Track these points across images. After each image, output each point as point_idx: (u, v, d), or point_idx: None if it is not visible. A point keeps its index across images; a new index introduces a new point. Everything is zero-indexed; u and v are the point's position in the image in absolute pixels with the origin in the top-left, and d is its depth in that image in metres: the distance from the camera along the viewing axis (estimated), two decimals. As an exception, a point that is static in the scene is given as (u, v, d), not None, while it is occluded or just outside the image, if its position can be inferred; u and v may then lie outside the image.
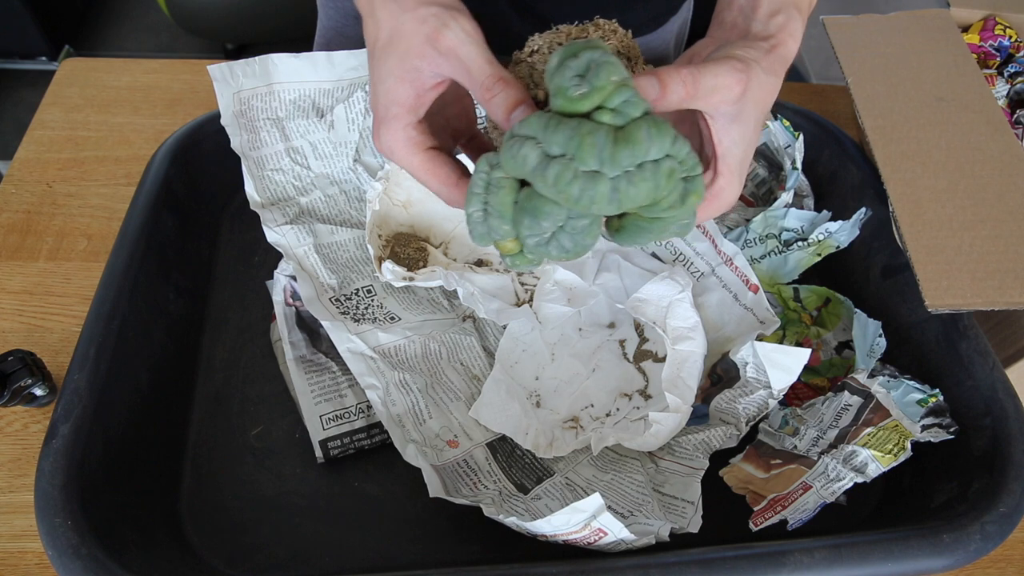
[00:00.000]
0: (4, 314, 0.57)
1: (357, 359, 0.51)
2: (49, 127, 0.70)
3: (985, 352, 0.50)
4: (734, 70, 0.35)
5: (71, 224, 0.63)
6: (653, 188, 0.32)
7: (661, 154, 0.31)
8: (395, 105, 0.37)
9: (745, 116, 0.37)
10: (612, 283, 0.58)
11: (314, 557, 0.46)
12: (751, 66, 0.36)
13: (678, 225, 0.36)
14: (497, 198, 0.34)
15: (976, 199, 0.53)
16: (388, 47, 0.37)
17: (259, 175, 0.59)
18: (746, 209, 0.63)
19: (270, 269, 0.57)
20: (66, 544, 0.38)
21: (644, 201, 0.32)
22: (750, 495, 0.49)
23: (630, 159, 0.31)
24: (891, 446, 0.46)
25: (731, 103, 0.36)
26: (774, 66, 0.38)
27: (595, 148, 0.31)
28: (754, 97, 0.37)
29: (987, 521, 0.42)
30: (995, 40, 0.68)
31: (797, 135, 0.60)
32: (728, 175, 0.39)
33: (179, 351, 0.54)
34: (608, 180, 0.31)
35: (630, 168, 0.31)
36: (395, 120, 0.38)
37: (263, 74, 0.58)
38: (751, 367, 0.50)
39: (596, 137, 0.31)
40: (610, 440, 0.49)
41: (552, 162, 0.31)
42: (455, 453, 0.49)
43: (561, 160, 0.31)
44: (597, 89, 0.31)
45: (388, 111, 0.38)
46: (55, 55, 1.87)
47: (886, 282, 0.57)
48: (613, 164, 0.31)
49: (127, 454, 0.46)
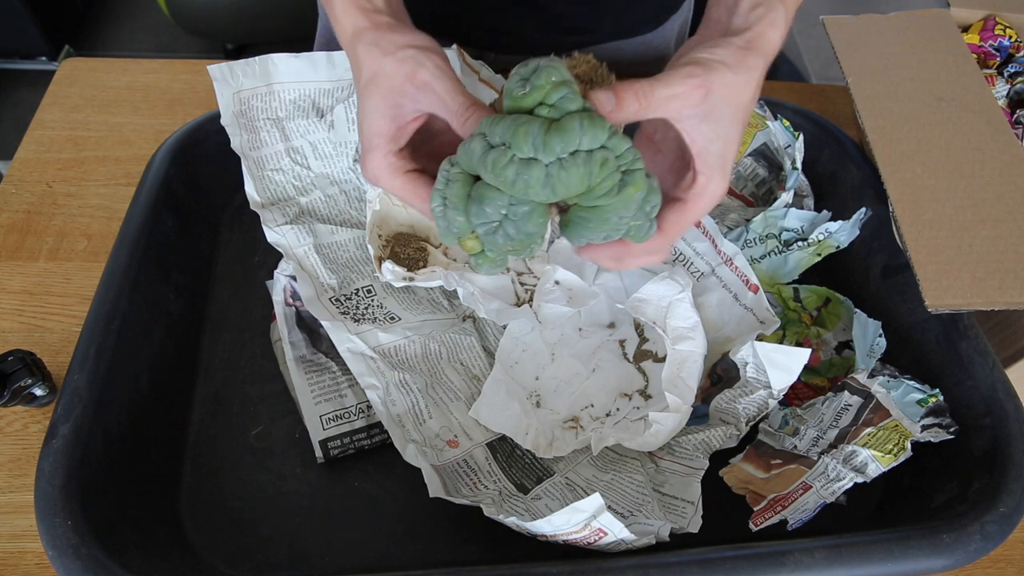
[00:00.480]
0: (4, 314, 0.57)
1: (357, 359, 0.51)
2: (49, 127, 0.70)
3: (985, 352, 0.50)
4: (689, 77, 0.37)
5: (71, 224, 0.63)
6: (586, 175, 0.34)
7: (595, 144, 0.34)
8: (376, 136, 0.41)
9: (716, 114, 0.38)
10: (612, 283, 0.58)
11: (314, 557, 0.46)
12: (712, 68, 0.37)
13: (629, 225, 0.38)
14: (452, 191, 0.37)
15: (976, 199, 0.53)
16: (371, 85, 0.41)
17: (259, 175, 0.59)
18: (746, 209, 0.63)
19: (270, 269, 0.57)
20: (66, 544, 0.38)
21: (578, 187, 0.35)
22: (750, 495, 0.49)
23: (562, 147, 0.34)
24: (891, 446, 0.46)
25: (694, 107, 0.38)
26: (746, 61, 0.38)
27: (529, 136, 0.34)
28: (722, 96, 0.38)
29: (987, 521, 0.42)
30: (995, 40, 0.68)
31: (797, 135, 0.60)
32: (708, 171, 0.39)
33: (179, 351, 0.54)
34: (542, 166, 0.34)
35: (563, 155, 0.34)
36: (377, 149, 0.41)
37: (263, 74, 0.58)
38: (751, 367, 0.50)
39: (531, 127, 0.34)
40: (610, 440, 0.49)
41: (492, 150, 0.35)
42: (455, 453, 0.49)
43: (500, 148, 0.35)
44: (536, 88, 0.35)
45: (371, 142, 0.41)
46: (55, 55, 1.87)
47: (886, 282, 0.57)
48: (546, 151, 0.34)
49: (127, 454, 0.46)
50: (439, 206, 0.38)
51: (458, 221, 0.38)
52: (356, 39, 0.42)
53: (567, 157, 0.34)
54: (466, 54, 0.62)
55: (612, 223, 0.37)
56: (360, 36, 0.42)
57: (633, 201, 0.36)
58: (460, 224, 0.38)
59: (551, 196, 0.35)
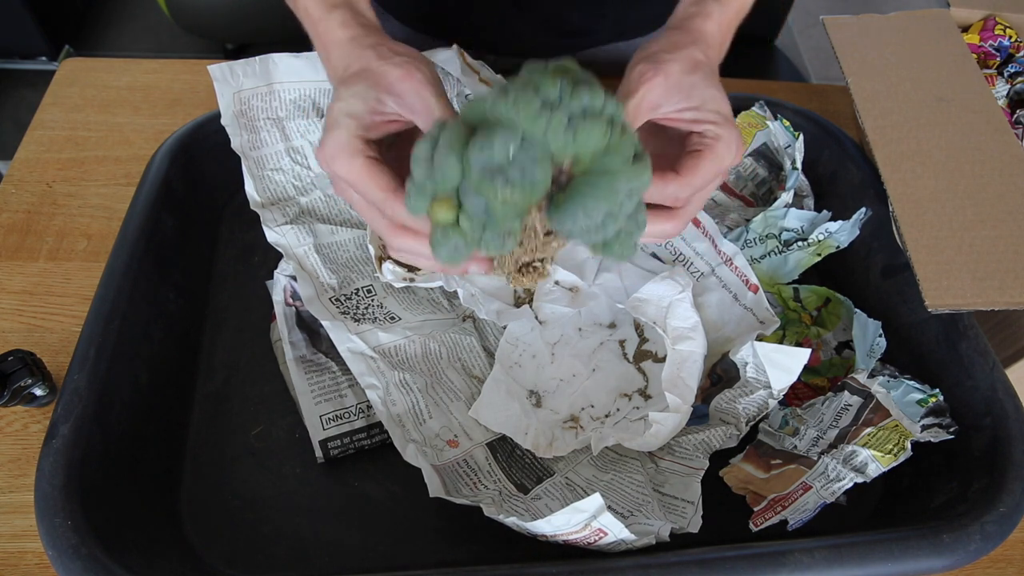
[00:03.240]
0: (4, 314, 0.57)
1: (357, 359, 0.51)
2: (49, 127, 0.70)
3: (985, 352, 0.50)
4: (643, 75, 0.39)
5: (71, 224, 0.63)
6: (607, 131, 0.33)
7: (617, 113, 0.33)
8: (347, 116, 0.38)
9: (685, 85, 0.40)
10: (612, 283, 0.58)
11: (314, 557, 0.46)
12: (658, 59, 0.40)
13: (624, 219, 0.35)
14: (449, 133, 0.33)
15: (976, 199, 0.53)
16: (359, 76, 0.40)
17: (259, 175, 0.59)
18: (746, 209, 0.63)
19: (270, 269, 0.57)
20: (66, 544, 0.38)
21: (598, 142, 0.33)
22: (750, 495, 0.49)
23: (589, 100, 0.32)
24: (891, 446, 0.46)
25: (662, 95, 0.39)
26: (678, 40, 0.42)
27: (556, 83, 0.32)
28: (679, 71, 0.40)
29: (987, 521, 0.42)
30: (995, 40, 0.68)
31: (797, 135, 0.60)
32: (712, 120, 0.40)
33: (179, 351, 0.54)
34: (566, 113, 0.32)
35: (588, 107, 0.32)
36: (343, 128, 0.38)
37: (263, 74, 0.58)
38: (751, 367, 0.50)
39: (557, 78, 0.32)
40: (610, 440, 0.49)
41: (511, 93, 0.32)
42: (455, 453, 0.49)
43: (523, 88, 0.32)
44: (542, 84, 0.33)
45: (338, 120, 0.38)
46: (55, 55, 1.87)
47: (886, 282, 0.57)
48: (573, 99, 0.32)
49: (127, 454, 0.46)
50: (425, 150, 0.34)
51: (447, 166, 0.33)
52: (352, 43, 0.41)
53: (592, 110, 0.33)
54: (466, 54, 0.62)
55: (618, 198, 0.34)
56: (357, 41, 0.41)
57: (644, 178, 0.34)
58: (447, 171, 0.33)
59: (569, 145, 0.33)
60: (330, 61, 0.43)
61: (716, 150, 0.40)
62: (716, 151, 0.40)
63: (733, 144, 0.40)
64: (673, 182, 0.40)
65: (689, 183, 0.40)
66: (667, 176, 0.40)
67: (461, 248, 0.35)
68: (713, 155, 0.40)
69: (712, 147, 0.40)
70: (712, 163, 0.40)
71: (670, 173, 0.40)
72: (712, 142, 0.40)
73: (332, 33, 0.43)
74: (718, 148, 0.40)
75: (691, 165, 0.40)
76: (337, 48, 0.42)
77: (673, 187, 0.40)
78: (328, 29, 0.43)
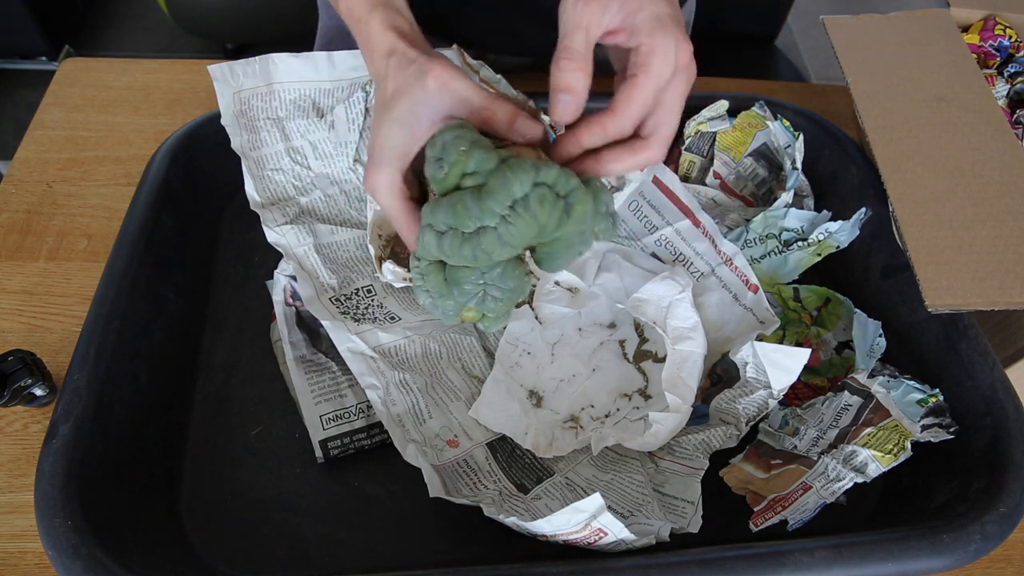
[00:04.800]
0: (4, 314, 0.57)
1: (357, 359, 0.51)
2: (49, 127, 0.70)
3: (985, 352, 0.50)
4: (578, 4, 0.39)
5: (71, 224, 0.63)
6: (532, 220, 0.36)
7: (526, 189, 0.36)
8: (391, 151, 0.41)
9: None
10: (612, 283, 0.58)
11: (314, 557, 0.46)
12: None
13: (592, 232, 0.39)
14: (431, 283, 0.40)
15: (976, 199, 0.53)
16: (396, 95, 0.41)
17: (259, 175, 0.59)
18: (746, 209, 0.63)
19: (270, 269, 0.57)
20: (66, 544, 0.38)
21: (531, 234, 0.37)
22: (750, 495, 0.49)
23: (499, 205, 0.35)
24: (891, 446, 0.46)
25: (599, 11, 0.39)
26: None
27: (467, 211, 0.36)
28: None
29: (987, 521, 0.42)
30: (995, 40, 0.68)
31: (797, 135, 0.60)
32: (648, 24, 0.38)
33: (179, 351, 0.54)
34: (491, 230, 0.36)
35: (504, 212, 0.36)
36: (387, 165, 0.41)
37: (263, 74, 0.58)
38: (751, 367, 0.50)
39: (464, 202, 0.36)
40: (610, 440, 0.49)
41: (443, 237, 0.37)
42: (455, 453, 0.49)
43: (449, 233, 0.37)
44: (453, 164, 0.37)
45: (382, 155, 0.41)
46: (55, 55, 1.87)
47: (886, 282, 0.57)
48: (486, 216, 0.36)
49: (127, 454, 0.46)
50: (427, 300, 0.41)
51: (449, 305, 0.40)
52: (390, 55, 0.43)
53: (508, 212, 0.35)
54: (466, 54, 0.62)
55: (576, 243, 0.38)
56: (394, 53, 0.42)
57: (586, 216, 0.37)
58: (452, 307, 0.41)
59: (513, 252, 0.37)
60: (372, 65, 0.45)
61: (649, 67, 0.38)
62: (649, 68, 0.38)
63: (670, 52, 0.38)
64: (609, 120, 0.39)
65: (627, 115, 0.39)
66: (601, 118, 0.40)
67: (501, 320, 0.43)
68: (648, 75, 0.39)
69: (646, 67, 0.38)
70: (648, 83, 0.39)
71: (605, 114, 0.39)
72: (645, 58, 0.38)
73: (372, 39, 0.44)
74: (652, 64, 0.38)
75: (624, 96, 0.39)
76: (378, 58, 0.43)
77: (612, 126, 0.39)
78: (369, 33, 0.44)
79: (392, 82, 0.42)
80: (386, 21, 0.43)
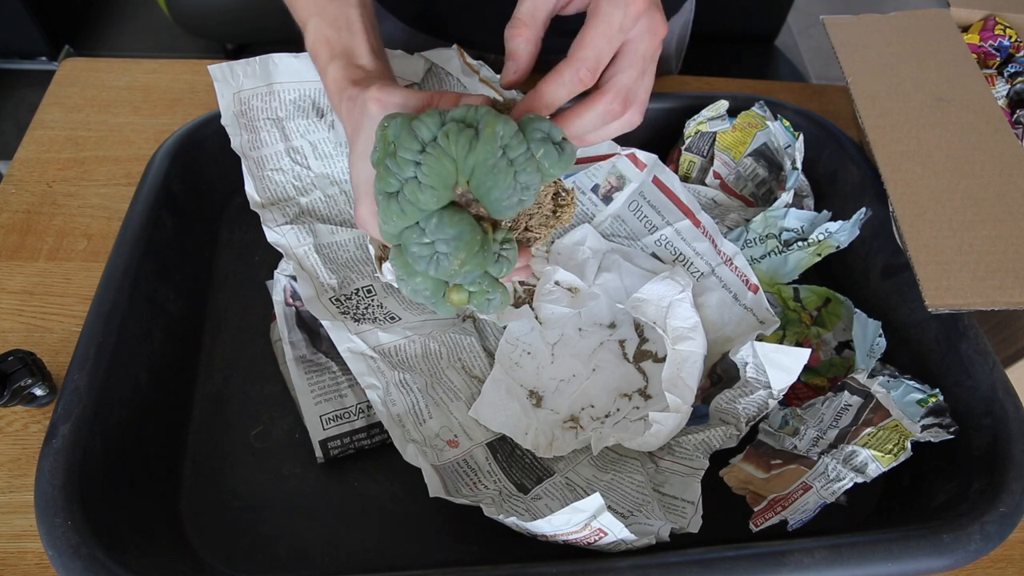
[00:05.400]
0: (4, 314, 0.57)
1: (357, 359, 0.51)
2: (49, 127, 0.70)
3: (985, 352, 0.50)
4: None
5: (71, 224, 0.63)
6: (441, 154, 0.35)
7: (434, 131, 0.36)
8: (363, 183, 0.43)
9: None
10: (612, 283, 0.58)
11: (314, 557, 0.46)
12: None
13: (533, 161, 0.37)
14: (397, 265, 0.41)
15: (976, 199, 0.53)
16: (354, 134, 0.44)
17: (259, 175, 0.59)
18: (746, 209, 0.63)
19: (270, 269, 0.57)
20: (66, 544, 0.38)
21: (446, 170, 0.36)
22: (750, 495, 0.49)
23: (410, 152, 0.36)
24: (891, 446, 0.46)
25: None
26: None
27: (388, 172, 0.36)
28: None
29: (987, 521, 0.42)
30: (995, 40, 0.68)
31: (797, 135, 0.60)
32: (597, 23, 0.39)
33: (179, 351, 0.54)
34: (411, 180, 0.36)
35: (417, 159, 0.36)
36: (367, 196, 0.43)
37: (263, 74, 0.58)
38: (751, 367, 0.50)
39: (385, 164, 0.36)
40: (610, 440, 0.49)
41: (380, 208, 0.38)
42: (455, 453, 0.49)
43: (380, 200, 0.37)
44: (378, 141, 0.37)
45: (360, 189, 0.44)
46: (55, 55, 1.87)
47: (886, 282, 0.57)
48: (404, 167, 0.36)
49: (127, 454, 0.46)
50: (405, 288, 0.41)
51: (420, 283, 0.40)
52: (340, 100, 0.45)
53: (420, 157, 0.35)
54: (466, 54, 0.62)
55: (502, 168, 0.36)
56: (343, 97, 0.45)
57: (498, 136, 0.35)
58: (425, 285, 0.40)
59: (435, 194, 0.36)
60: (335, 110, 0.47)
61: (599, 12, 0.38)
62: (599, 13, 0.38)
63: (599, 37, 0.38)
64: (565, 67, 0.39)
65: (579, 57, 0.38)
66: (558, 67, 0.39)
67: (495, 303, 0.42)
68: (596, 20, 0.38)
69: (595, 11, 0.38)
70: (598, 28, 0.38)
71: (561, 63, 0.39)
72: (595, 7, 0.38)
73: (329, 87, 0.47)
74: (600, 9, 0.38)
75: (576, 42, 0.39)
76: (336, 103, 0.46)
77: (568, 73, 0.39)
78: (327, 84, 0.47)
79: (347, 123, 0.44)
80: (340, 72, 0.46)
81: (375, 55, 0.48)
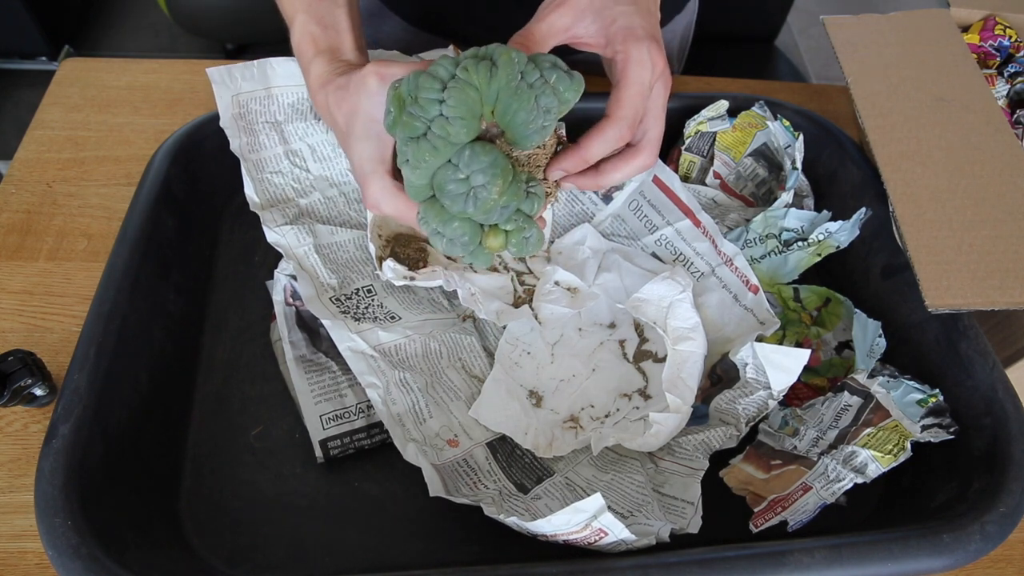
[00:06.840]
0: (4, 314, 0.57)
1: (358, 358, 0.51)
2: (49, 127, 0.70)
3: (985, 352, 0.50)
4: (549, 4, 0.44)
5: (71, 224, 0.63)
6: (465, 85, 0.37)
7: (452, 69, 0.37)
8: (369, 161, 0.43)
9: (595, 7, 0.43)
10: (612, 283, 0.58)
11: (314, 557, 0.46)
12: None
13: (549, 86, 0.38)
14: (432, 217, 0.41)
15: (976, 199, 0.53)
16: (350, 120, 0.44)
17: (258, 177, 0.59)
18: (746, 209, 0.63)
19: (270, 269, 0.57)
20: (66, 544, 0.38)
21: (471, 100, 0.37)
22: (750, 496, 0.49)
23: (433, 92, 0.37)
24: (891, 446, 0.46)
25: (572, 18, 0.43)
26: None
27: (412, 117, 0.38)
28: None
29: (987, 521, 0.42)
30: (995, 40, 0.68)
31: (797, 135, 0.60)
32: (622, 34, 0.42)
33: (179, 351, 0.54)
34: (438, 117, 0.37)
35: (439, 97, 0.37)
36: (373, 174, 0.43)
37: (262, 77, 0.58)
38: (751, 368, 0.50)
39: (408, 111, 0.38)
40: (610, 440, 0.49)
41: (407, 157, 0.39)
42: (455, 452, 0.49)
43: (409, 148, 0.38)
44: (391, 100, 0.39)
45: (364, 168, 0.44)
46: (55, 55, 1.87)
47: (886, 282, 0.57)
48: (428, 108, 0.37)
49: (127, 454, 0.46)
50: (443, 242, 0.42)
51: (458, 230, 0.41)
52: (324, 89, 0.46)
53: (443, 95, 0.37)
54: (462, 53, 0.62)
55: (524, 94, 0.38)
56: (326, 85, 0.45)
57: (515, 62, 0.37)
58: (465, 231, 0.41)
59: (463, 126, 0.37)
60: (316, 105, 0.48)
61: (629, 75, 0.41)
62: (629, 76, 0.41)
63: (645, 59, 0.42)
64: (608, 125, 0.42)
65: (621, 116, 0.42)
66: (602, 126, 0.42)
67: (530, 244, 0.43)
68: (628, 81, 0.42)
69: (624, 73, 0.41)
70: (632, 89, 0.42)
71: (602, 121, 0.42)
72: (623, 66, 0.41)
73: (311, 83, 0.48)
74: (630, 72, 0.41)
75: (614, 100, 0.42)
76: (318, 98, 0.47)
77: (611, 131, 0.42)
78: (309, 81, 0.48)
79: (337, 113, 0.45)
80: (324, 67, 0.47)
81: (360, 52, 0.50)
